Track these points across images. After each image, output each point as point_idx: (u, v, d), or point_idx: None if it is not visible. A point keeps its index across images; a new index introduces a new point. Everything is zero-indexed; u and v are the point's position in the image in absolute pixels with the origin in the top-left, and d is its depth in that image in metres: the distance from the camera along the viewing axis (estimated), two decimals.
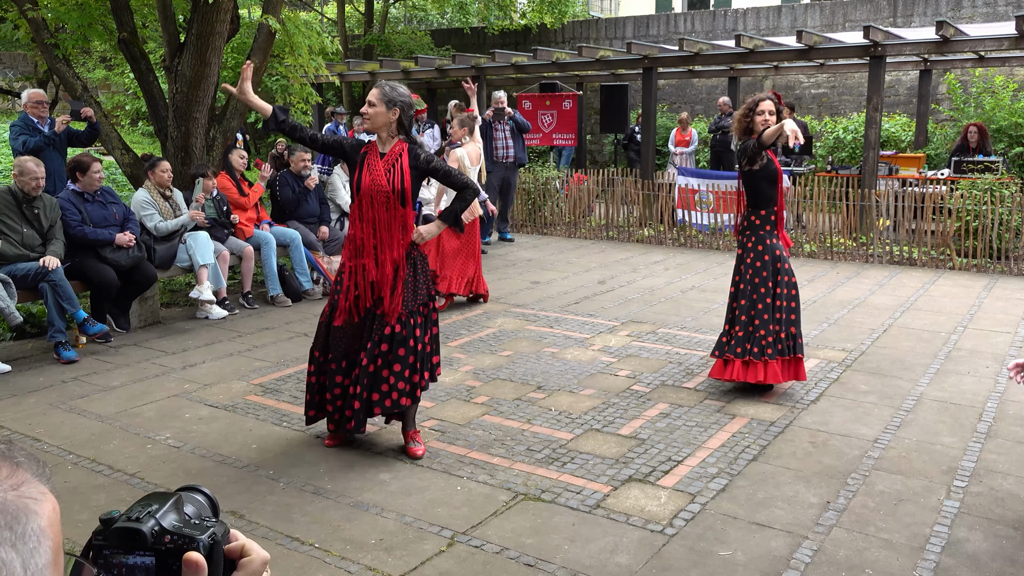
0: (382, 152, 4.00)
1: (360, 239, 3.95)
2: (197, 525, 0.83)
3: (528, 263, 9.40)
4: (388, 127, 3.95)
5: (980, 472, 3.84)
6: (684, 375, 5.30)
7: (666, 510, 3.48)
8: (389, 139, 4.00)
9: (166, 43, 8.28)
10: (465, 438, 4.28)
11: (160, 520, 0.80)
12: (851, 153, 13.77)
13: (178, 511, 0.83)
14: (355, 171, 4.00)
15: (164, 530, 0.80)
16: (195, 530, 0.81)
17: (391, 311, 3.90)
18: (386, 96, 3.92)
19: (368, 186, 3.91)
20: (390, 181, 3.90)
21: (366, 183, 3.92)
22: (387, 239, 3.92)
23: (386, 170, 3.93)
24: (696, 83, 17.29)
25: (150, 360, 5.73)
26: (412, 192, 3.98)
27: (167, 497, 0.84)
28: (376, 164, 3.95)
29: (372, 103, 3.93)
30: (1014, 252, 8.72)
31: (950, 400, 4.80)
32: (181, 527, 0.81)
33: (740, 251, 4.98)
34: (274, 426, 4.48)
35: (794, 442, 4.21)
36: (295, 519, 3.43)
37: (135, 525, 0.79)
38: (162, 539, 0.79)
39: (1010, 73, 13.92)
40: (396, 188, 3.90)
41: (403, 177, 3.92)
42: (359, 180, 3.95)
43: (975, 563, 3.06)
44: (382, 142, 4.02)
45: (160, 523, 0.80)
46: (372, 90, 3.98)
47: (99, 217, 6.26)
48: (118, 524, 0.79)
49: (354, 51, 18.97)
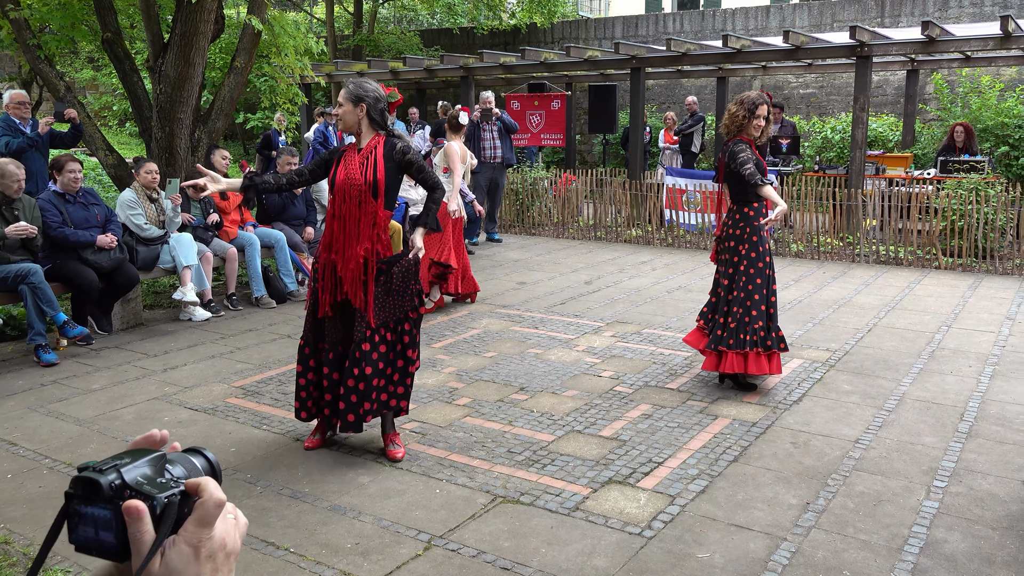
0: (359, 148, 3.99)
1: (332, 234, 3.95)
2: (163, 484, 0.78)
3: (515, 263, 9.38)
4: (359, 124, 3.95)
5: (960, 472, 3.84)
6: (668, 376, 5.29)
7: (645, 512, 3.46)
8: (365, 135, 3.98)
9: (150, 43, 8.24)
10: (446, 440, 4.26)
11: (124, 474, 0.77)
12: (839, 153, 13.79)
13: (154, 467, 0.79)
14: (332, 169, 3.99)
15: (125, 484, 0.76)
16: (157, 488, 0.77)
17: (364, 309, 3.88)
18: (351, 94, 3.91)
19: (343, 181, 3.91)
20: (363, 173, 3.88)
21: (340, 178, 3.92)
22: (355, 234, 3.89)
23: (360, 163, 3.91)
24: (685, 83, 17.30)
25: (131, 363, 5.69)
26: (387, 185, 3.92)
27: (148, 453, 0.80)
28: (352, 159, 3.95)
29: (340, 103, 3.96)
30: (999, 251, 8.75)
31: (932, 400, 4.80)
32: (143, 484, 0.77)
33: (734, 243, 4.95)
34: (254, 429, 4.45)
35: (775, 443, 4.20)
36: (271, 523, 3.40)
37: (94, 476, 0.76)
38: (122, 493, 0.76)
39: (996, 73, 13.97)
40: (368, 180, 3.86)
41: (375, 168, 3.88)
42: (334, 176, 3.95)
43: (952, 564, 3.06)
44: (359, 139, 4.01)
45: (123, 477, 0.76)
46: (342, 90, 3.99)
47: (80, 218, 6.21)
48: (81, 474, 0.77)
49: (343, 51, 18.92)
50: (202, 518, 0.76)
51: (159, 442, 0.88)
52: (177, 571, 0.75)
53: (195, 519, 0.77)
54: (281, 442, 4.27)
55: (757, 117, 4.82)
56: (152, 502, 0.75)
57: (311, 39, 9.31)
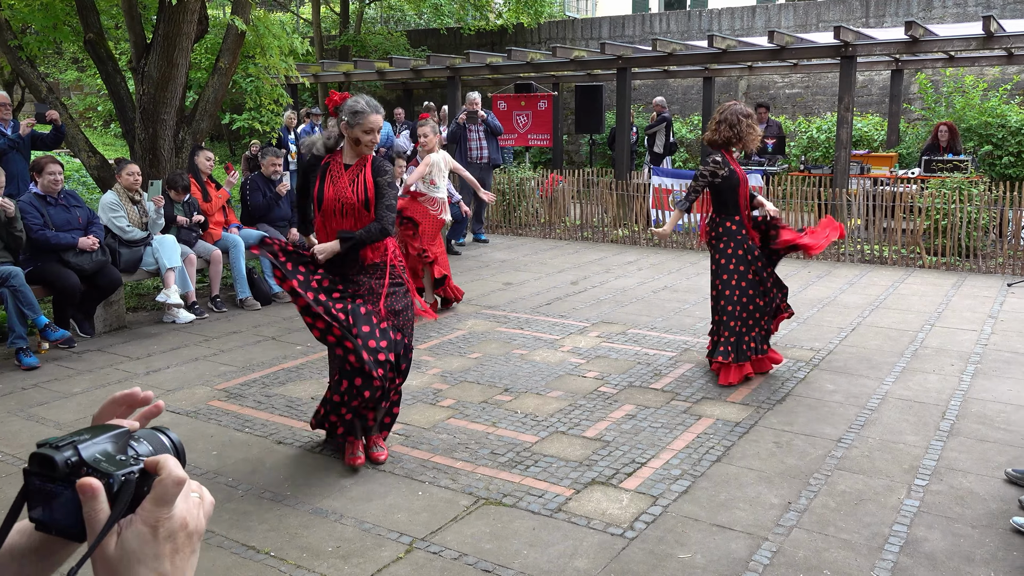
0: (347, 164, 3.95)
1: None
2: (122, 462, 0.75)
3: (502, 264, 9.37)
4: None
5: (941, 470, 3.85)
6: (652, 376, 5.30)
7: (627, 513, 3.46)
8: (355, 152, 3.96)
9: (132, 44, 8.19)
10: (429, 442, 4.24)
11: (82, 450, 0.74)
12: (824, 152, 13.85)
13: (116, 444, 0.76)
14: (315, 183, 3.94)
15: (82, 462, 0.74)
16: (115, 466, 0.74)
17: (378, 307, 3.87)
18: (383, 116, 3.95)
19: (332, 198, 3.87)
20: (355, 192, 3.87)
21: (330, 195, 3.88)
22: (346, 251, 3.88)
23: (350, 181, 3.89)
24: (672, 83, 17.33)
25: (113, 366, 5.65)
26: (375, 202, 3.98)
27: (110, 429, 0.77)
28: (340, 176, 3.91)
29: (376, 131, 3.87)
30: (982, 250, 8.80)
31: (915, 399, 4.82)
32: (101, 461, 0.74)
33: (717, 255, 5.13)
34: (236, 432, 4.43)
35: (759, 443, 4.21)
36: (252, 527, 3.38)
37: (50, 453, 0.73)
38: (78, 471, 0.73)
39: (980, 73, 14.06)
40: (361, 199, 3.90)
41: (366, 188, 3.91)
42: (320, 192, 3.90)
43: (932, 562, 3.07)
44: (348, 155, 3.96)
45: (80, 453, 0.74)
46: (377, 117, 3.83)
47: (62, 221, 6.16)
48: (38, 450, 0.74)
49: (330, 52, 18.87)
50: (160, 497, 0.74)
51: (141, 401, 0.85)
52: (134, 551, 0.72)
53: (153, 498, 0.74)
54: (263, 445, 4.25)
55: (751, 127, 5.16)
56: (109, 480, 0.73)
57: (295, 40, 9.28)
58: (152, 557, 0.73)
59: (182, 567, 0.75)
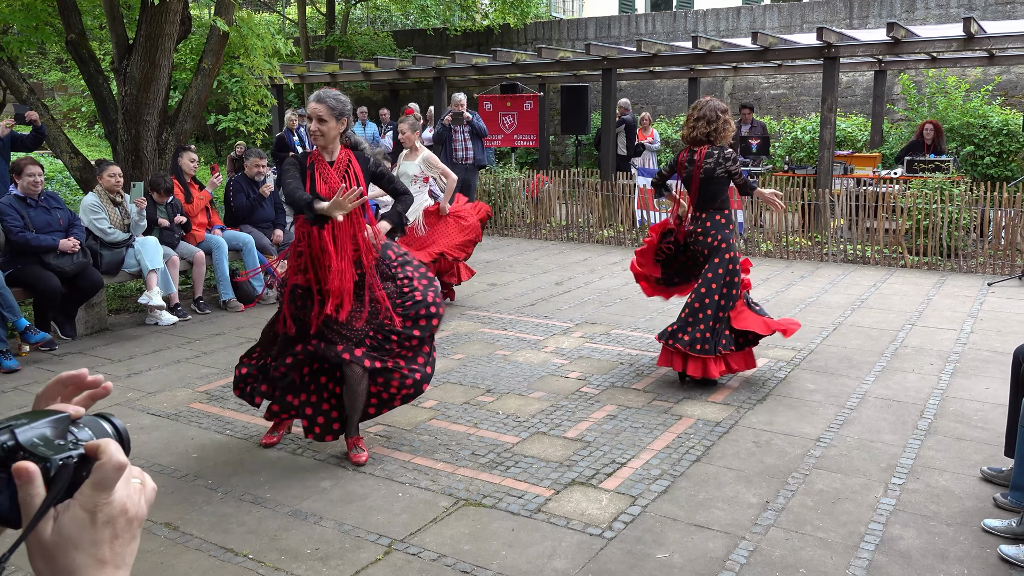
0: (330, 160, 3.94)
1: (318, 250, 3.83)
2: (60, 447, 0.73)
3: (487, 264, 9.38)
4: (337, 139, 3.92)
5: (918, 469, 3.89)
6: (634, 376, 5.32)
7: (607, 513, 3.48)
8: (335, 148, 3.95)
9: (114, 44, 8.15)
10: (410, 443, 4.25)
11: (18, 434, 0.73)
12: (809, 153, 13.91)
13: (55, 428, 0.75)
14: (305, 182, 3.86)
15: (18, 446, 0.72)
16: (53, 450, 0.73)
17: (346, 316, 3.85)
18: (335, 110, 3.85)
19: (328, 195, 3.82)
20: (349, 186, 3.86)
21: (323, 192, 3.83)
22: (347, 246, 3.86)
23: (341, 177, 3.88)
24: (657, 84, 17.38)
25: (95, 368, 5.62)
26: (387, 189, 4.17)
27: (50, 414, 0.76)
28: (328, 172, 3.89)
29: (323, 119, 3.81)
30: (963, 250, 8.87)
31: (893, 398, 4.86)
32: (38, 445, 0.73)
33: (707, 251, 5.06)
34: (216, 434, 4.42)
35: (738, 442, 4.23)
36: (231, 529, 3.38)
37: None
38: (14, 455, 0.72)
39: (962, 74, 14.17)
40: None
41: (358, 183, 3.88)
42: (313, 190, 3.84)
43: (907, 560, 3.10)
44: (329, 151, 3.95)
45: (17, 438, 0.73)
46: (316, 105, 3.81)
47: (43, 222, 6.13)
48: None
49: (315, 52, 18.82)
50: (100, 481, 0.72)
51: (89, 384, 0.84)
52: (71, 536, 0.71)
53: (92, 482, 0.73)
54: (244, 447, 4.24)
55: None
56: (46, 464, 0.71)
57: (279, 40, 9.26)
58: (90, 543, 0.72)
59: (121, 553, 0.74)
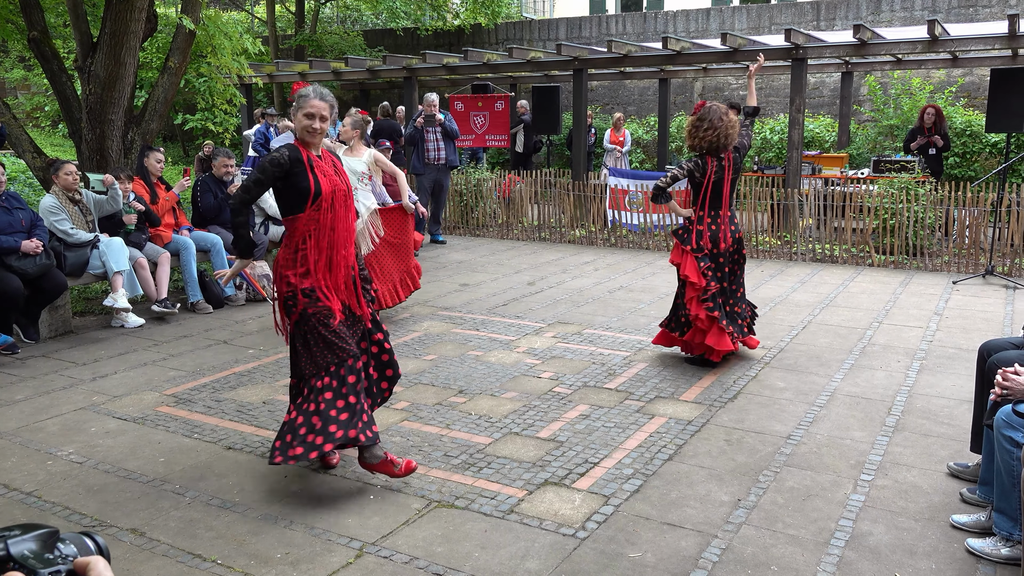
0: (318, 155, 3.89)
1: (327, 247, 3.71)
2: (50, 561, 0.78)
3: (459, 265, 9.35)
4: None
5: (886, 465, 3.93)
6: (606, 376, 5.32)
7: (579, 513, 3.47)
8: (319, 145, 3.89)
9: (78, 42, 8.01)
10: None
11: (11, 546, 0.77)
12: (778, 153, 14.06)
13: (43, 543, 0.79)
14: (308, 178, 3.67)
15: (9, 557, 0.76)
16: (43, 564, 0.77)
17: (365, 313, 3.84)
18: (334, 108, 3.79)
19: (329, 190, 3.69)
20: (342, 180, 3.82)
21: (327, 188, 3.68)
22: (345, 240, 3.80)
23: (335, 171, 3.83)
24: (628, 84, 17.46)
25: (58, 372, 5.51)
26: None
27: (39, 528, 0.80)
28: (323, 166, 3.80)
29: (324, 117, 3.71)
30: (929, 249, 9.01)
31: (862, 395, 4.91)
32: (28, 558, 0.77)
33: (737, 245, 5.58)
34: (184, 438, 4.35)
35: (710, 440, 4.25)
36: (199, 534, 3.32)
37: None
38: (4, 566, 0.76)
39: (926, 75, 14.39)
40: (348, 187, 3.83)
41: (343, 177, 3.86)
42: (316, 186, 3.66)
43: (876, 555, 3.13)
44: (315, 147, 3.87)
45: (8, 549, 0.76)
46: (319, 103, 3.70)
47: (4, 223, 6.00)
48: None
49: (285, 51, 18.66)
50: None
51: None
52: None
53: None
54: (212, 451, 4.18)
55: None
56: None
57: (248, 40, 9.15)
58: None
59: None
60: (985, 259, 8.59)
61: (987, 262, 8.44)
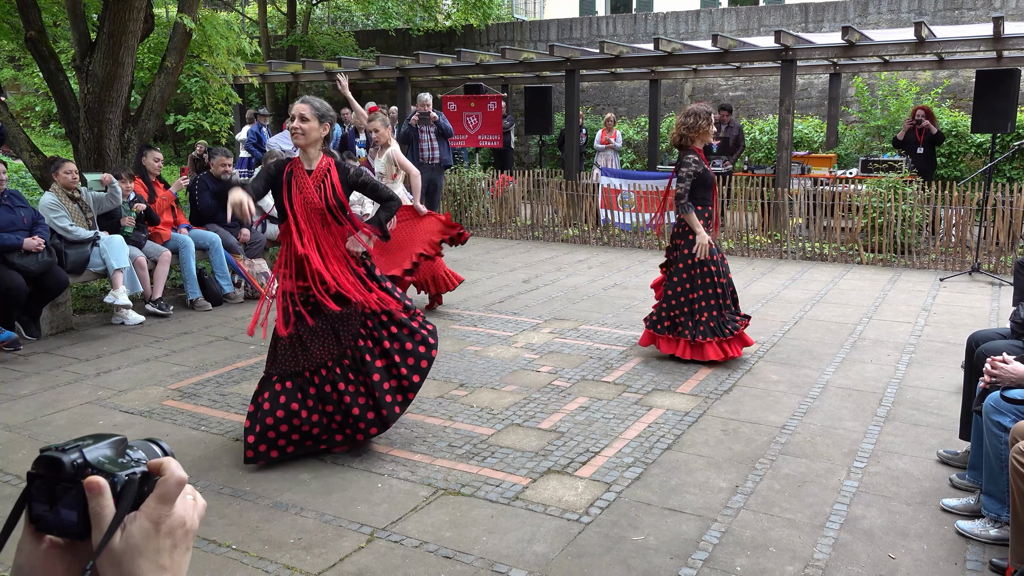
0: (309, 169, 3.95)
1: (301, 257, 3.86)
2: (124, 464, 0.81)
3: (454, 263, 9.42)
4: (318, 143, 3.94)
5: (878, 453, 4.05)
6: (604, 369, 5.43)
7: (583, 499, 3.57)
8: (316, 155, 3.96)
9: (76, 42, 8.05)
10: (387, 436, 4.29)
11: (86, 453, 0.80)
12: (767, 153, 14.22)
13: (115, 449, 0.82)
14: (283, 189, 3.87)
15: (87, 463, 0.79)
16: (118, 467, 0.80)
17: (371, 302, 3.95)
18: (318, 111, 3.89)
19: (300, 204, 3.84)
20: (323, 198, 3.87)
21: (298, 201, 3.84)
22: (334, 253, 3.91)
23: (316, 187, 3.89)
24: (619, 85, 17.60)
25: (62, 367, 5.57)
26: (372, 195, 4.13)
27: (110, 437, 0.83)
28: (305, 181, 3.88)
29: (305, 118, 3.85)
30: (916, 247, 9.17)
31: (853, 387, 5.04)
32: (104, 463, 0.80)
33: (686, 250, 5.48)
34: (192, 431, 4.42)
35: (707, 431, 4.36)
36: (212, 522, 3.40)
37: (57, 455, 0.78)
38: (83, 472, 0.78)
39: (913, 77, 14.59)
40: (331, 204, 3.89)
41: (336, 193, 3.90)
42: (290, 198, 3.85)
43: (870, 537, 3.24)
44: (309, 159, 3.96)
45: (85, 456, 0.79)
46: (300, 105, 3.88)
47: (5, 221, 6.05)
48: (43, 453, 0.79)
49: (277, 52, 18.69)
50: (163, 495, 0.80)
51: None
52: (137, 545, 0.79)
53: (157, 496, 0.80)
54: (220, 443, 4.25)
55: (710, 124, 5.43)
56: (113, 479, 0.78)
57: (244, 40, 9.21)
58: (153, 551, 0.79)
59: (179, 561, 0.82)
60: (971, 257, 8.75)
61: (973, 260, 8.60)
